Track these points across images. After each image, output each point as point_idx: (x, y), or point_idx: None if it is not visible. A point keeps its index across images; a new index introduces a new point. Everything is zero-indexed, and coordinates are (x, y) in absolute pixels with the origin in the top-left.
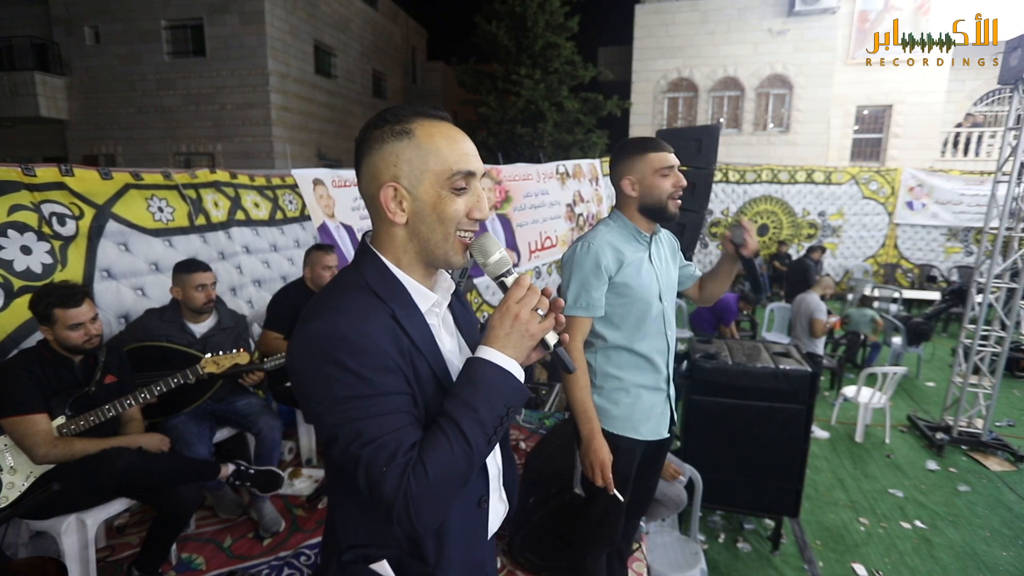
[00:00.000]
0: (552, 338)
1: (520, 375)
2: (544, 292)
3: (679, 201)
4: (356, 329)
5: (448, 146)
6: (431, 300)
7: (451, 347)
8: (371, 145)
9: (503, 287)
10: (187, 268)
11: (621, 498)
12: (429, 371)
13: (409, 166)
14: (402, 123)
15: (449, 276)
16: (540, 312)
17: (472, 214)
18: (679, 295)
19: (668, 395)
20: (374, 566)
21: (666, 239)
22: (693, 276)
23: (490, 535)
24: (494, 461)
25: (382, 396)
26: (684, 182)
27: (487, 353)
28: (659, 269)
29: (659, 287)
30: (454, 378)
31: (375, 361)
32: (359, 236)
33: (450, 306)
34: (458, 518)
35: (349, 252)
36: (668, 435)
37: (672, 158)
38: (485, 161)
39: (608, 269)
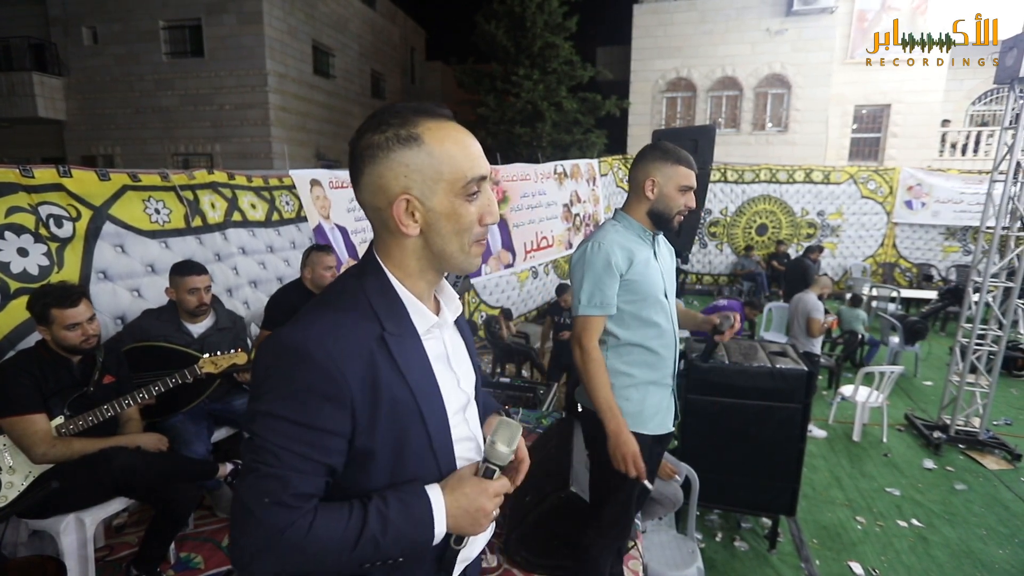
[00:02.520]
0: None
1: (436, 540)
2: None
3: (683, 217)
4: (325, 349)
5: (460, 151)
6: (430, 322)
7: (447, 378)
8: (374, 153)
9: (489, 472)
10: (181, 271)
11: (651, 487)
12: (409, 397)
13: (421, 176)
14: (408, 127)
15: (457, 297)
16: (495, 513)
17: (484, 220)
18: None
19: (673, 389)
20: None
21: (664, 241)
22: None
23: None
24: None
25: (313, 431)
26: (694, 203)
27: (438, 509)
28: (663, 267)
29: (664, 284)
30: (446, 402)
31: (327, 388)
32: (353, 238)
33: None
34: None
35: (343, 253)
36: (672, 428)
37: (693, 177)
38: None
39: (619, 267)
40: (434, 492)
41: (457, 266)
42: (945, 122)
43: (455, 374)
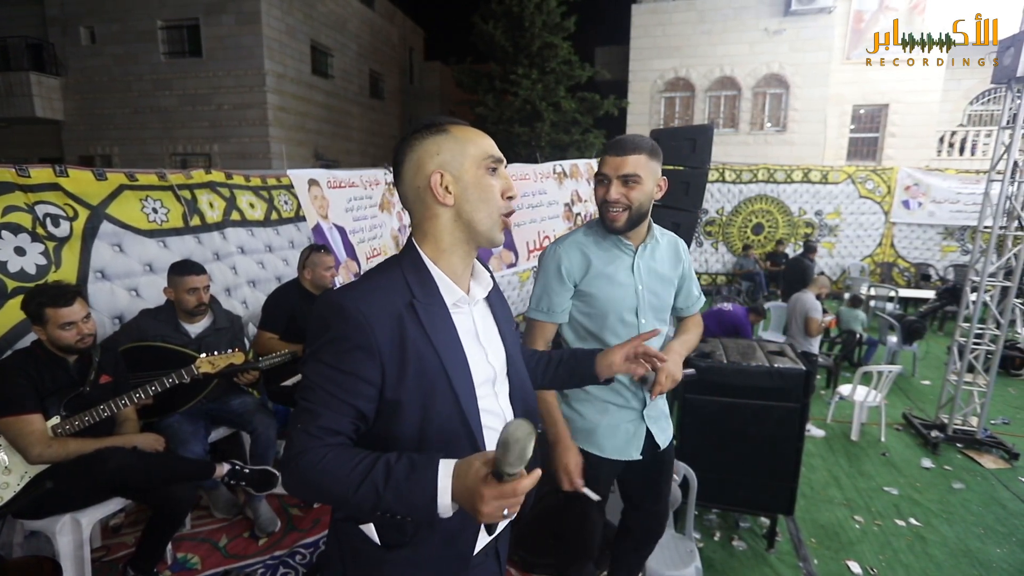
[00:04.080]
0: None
1: (443, 513)
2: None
3: (617, 215)
4: (358, 306)
5: (478, 137)
6: (457, 296)
7: (475, 351)
8: (412, 145)
9: (500, 476)
10: (180, 270)
11: (595, 497)
12: (434, 357)
13: (451, 153)
14: (438, 125)
15: (489, 275)
16: (505, 512)
17: (506, 193)
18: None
19: (643, 416)
20: (362, 527)
21: (668, 250)
22: (689, 310)
23: (500, 527)
24: None
25: (344, 374)
26: (613, 196)
27: (443, 486)
28: (642, 281)
29: (637, 302)
30: (473, 374)
31: (359, 337)
32: (351, 237)
33: (489, 299)
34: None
35: (342, 253)
36: (640, 457)
37: (610, 165)
38: None
39: (571, 274)
40: (445, 466)
41: (485, 235)
42: (960, 127)
43: (483, 349)
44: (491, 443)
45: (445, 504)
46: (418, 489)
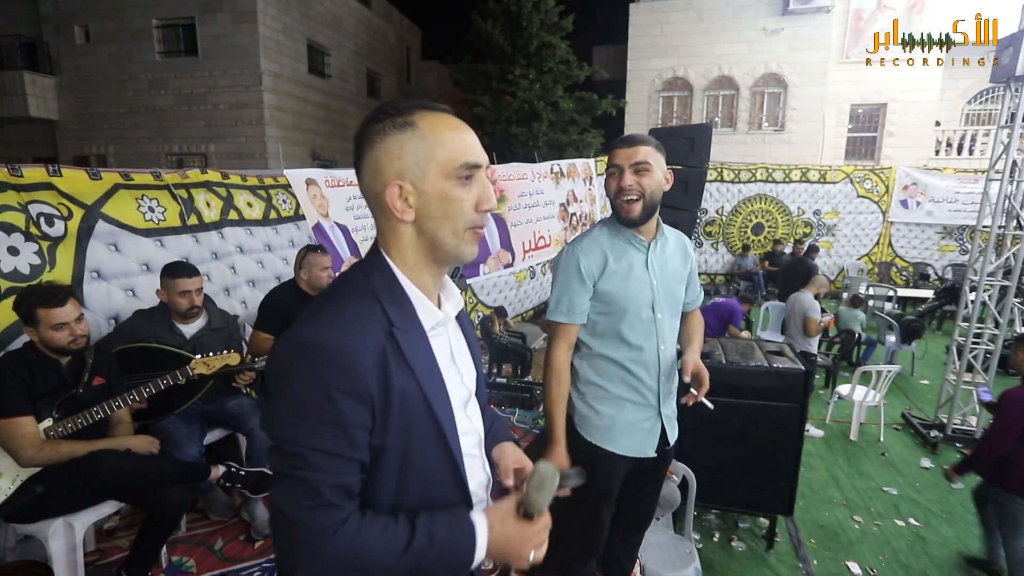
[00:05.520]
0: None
1: (472, 567)
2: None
3: (632, 204)
4: (340, 345)
5: (452, 136)
6: (436, 318)
7: (452, 374)
8: (372, 139)
9: (529, 515)
10: (171, 273)
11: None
12: (418, 392)
13: (414, 158)
14: (404, 115)
15: (458, 291)
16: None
17: (480, 206)
18: None
19: (660, 412)
20: None
21: (676, 246)
22: (693, 304)
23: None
24: (484, 472)
25: (339, 427)
26: (627, 183)
27: (481, 543)
28: (656, 277)
29: (652, 296)
30: (451, 401)
31: (347, 384)
32: (354, 236)
33: (458, 317)
34: None
35: (344, 252)
36: (655, 455)
37: (621, 155)
38: None
39: (591, 273)
40: (480, 522)
41: (451, 253)
42: (935, 123)
43: (458, 370)
44: (472, 471)
45: (480, 558)
46: (460, 549)
